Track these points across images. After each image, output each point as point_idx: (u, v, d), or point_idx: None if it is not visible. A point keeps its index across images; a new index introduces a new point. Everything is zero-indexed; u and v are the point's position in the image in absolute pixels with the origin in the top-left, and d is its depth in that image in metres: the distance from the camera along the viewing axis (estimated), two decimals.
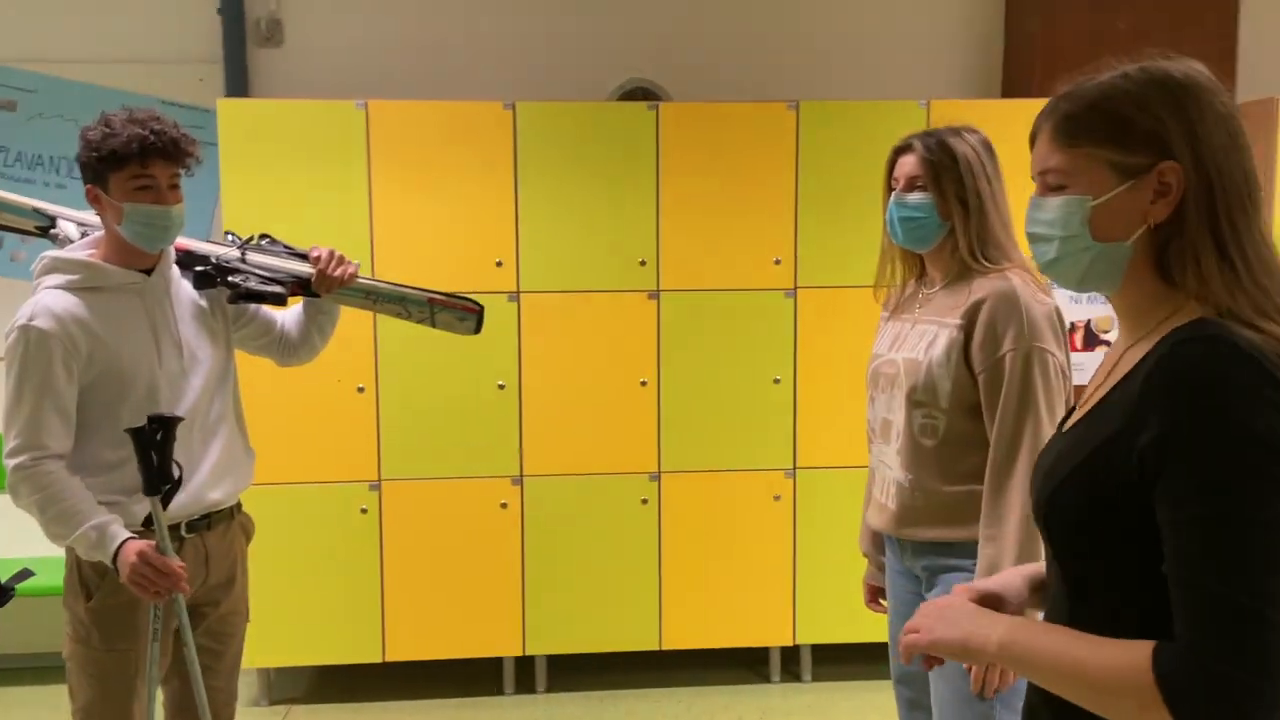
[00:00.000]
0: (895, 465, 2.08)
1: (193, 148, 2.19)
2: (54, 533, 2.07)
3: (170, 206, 2.14)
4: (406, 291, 2.50)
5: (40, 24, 3.72)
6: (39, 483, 2.06)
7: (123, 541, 2.05)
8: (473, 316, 2.57)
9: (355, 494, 3.52)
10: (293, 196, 3.41)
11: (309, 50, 3.84)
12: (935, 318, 2.06)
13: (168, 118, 2.16)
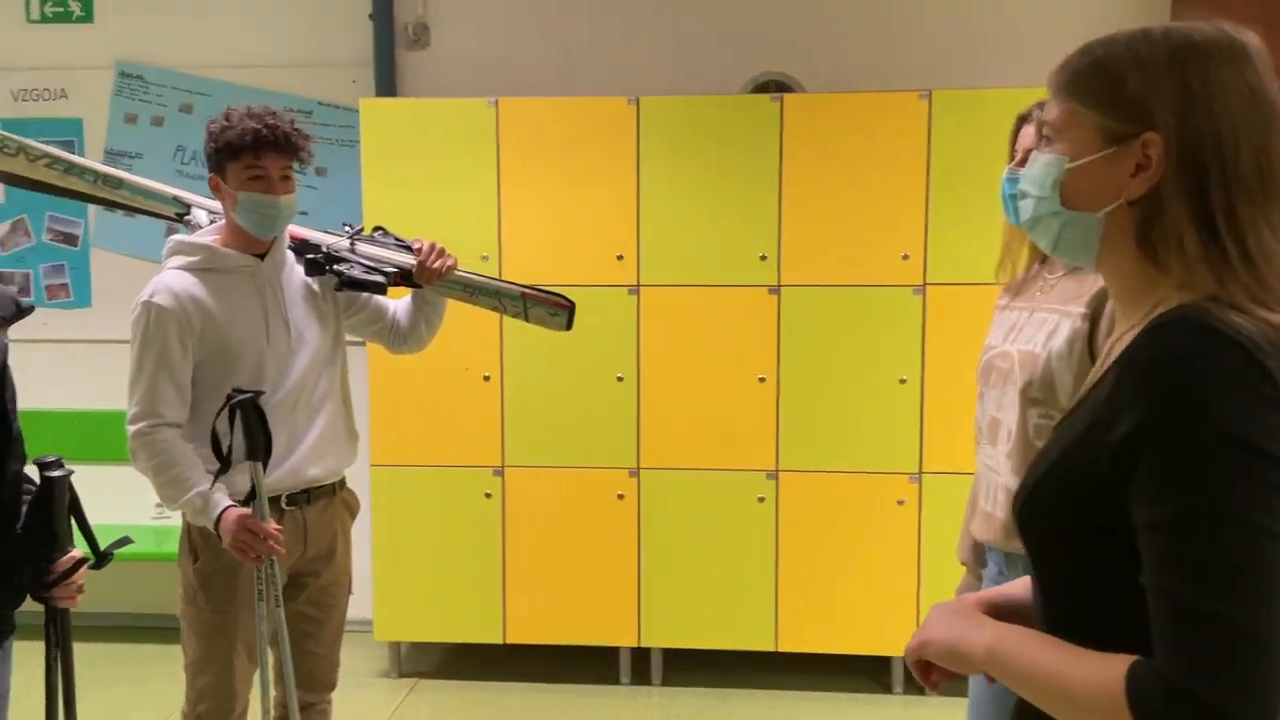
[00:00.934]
0: (1004, 470, 1.92)
1: (304, 142, 2.33)
2: (165, 495, 2.25)
3: (279, 196, 2.28)
4: (501, 286, 2.58)
5: (214, 34, 4.03)
6: (154, 449, 2.23)
7: (225, 508, 2.20)
8: (564, 312, 2.62)
9: (480, 479, 3.64)
10: (427, 191, 3.56)
11: (451, 52, 3.99)
12: (1057, 305, 1.89)
13: (283, 114, 2.30)
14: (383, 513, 3.67)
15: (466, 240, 3.52)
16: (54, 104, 4.09)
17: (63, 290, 4.16)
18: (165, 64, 4.04)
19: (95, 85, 4.05)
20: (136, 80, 4.05)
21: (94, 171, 2.43)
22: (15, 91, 4.08)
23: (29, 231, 4.15)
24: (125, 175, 2.47)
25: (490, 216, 3.56)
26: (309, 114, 4.01)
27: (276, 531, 2.20)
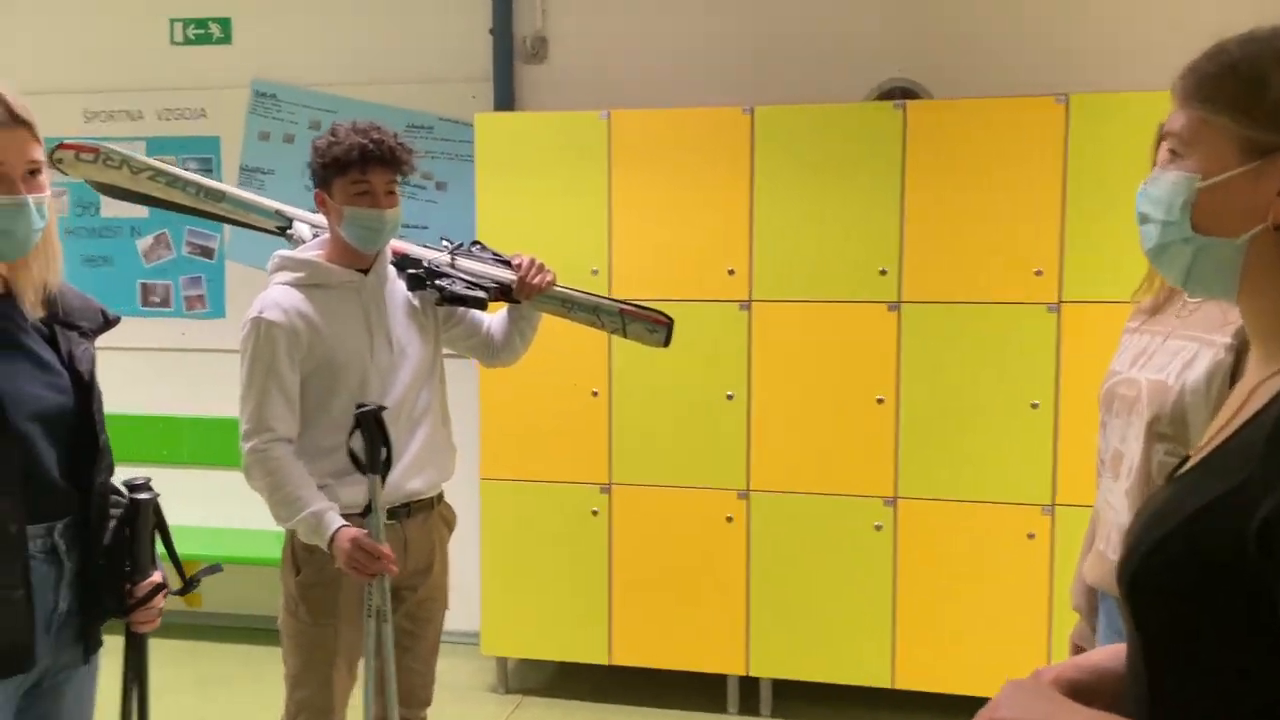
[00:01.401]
0: (1122, 508, 1.76)
1: (408, 156, 2.33)
2: (278, 514, 2.25)
3: (384, 210, 2.28)
4: (600, 301, 2.53)
5: (341, 52, 4.13)
6: (268, 467, 2.24)
7: (338, 528, 2.19)
8: (662, 329, 2.56)
9: (587, 495, 3.58)
10: (539, 205, 3.54)
11: (569, 65, 3.97)
12: (1198, 333, 1.71)
13: (388, 128, 2.30)
14: (491, 526, 3.66)
15: (576, 254, 3.49)
16: (194, 122, 4.27)
17: (199, 301, 4.33)
18: (296, 82, 4.17)
19: (232, 104, 4.21)
20: (270, 99, 4.19)
21: (196, 184, 2.48)
22: (160, 111, 4.28)
23: (170, 245, 4.35)
24: (227, 188, 2.52)
25: (600, 230, 3.51)
26: (430, 129, 4.06)
27: (389, 553, 2.19)
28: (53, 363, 1.57)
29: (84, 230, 4.38)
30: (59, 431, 1.55)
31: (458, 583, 4.14)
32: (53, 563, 1.56)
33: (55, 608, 1.57)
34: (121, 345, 4.33)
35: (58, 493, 1.56)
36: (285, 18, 4.16)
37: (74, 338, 1.61)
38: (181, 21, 4.24)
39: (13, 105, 1.47)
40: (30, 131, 1.49)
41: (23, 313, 1.56)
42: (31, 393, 1.52)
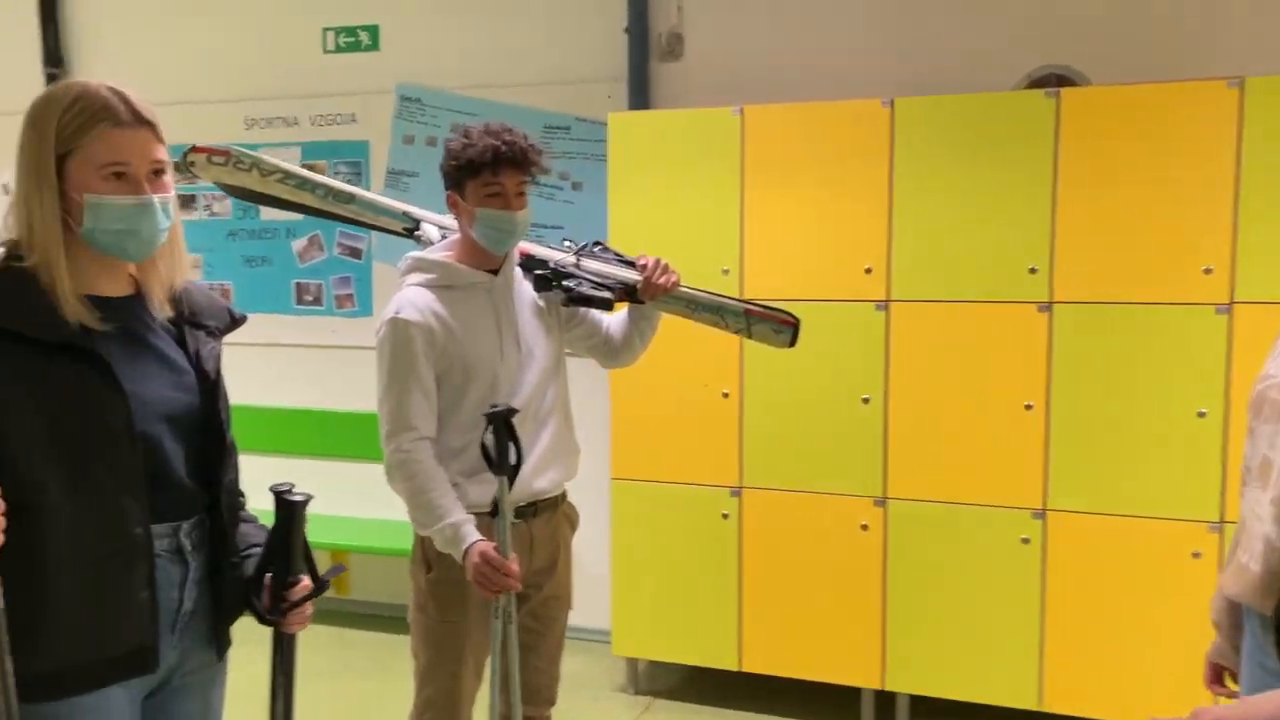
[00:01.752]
0: (1268, 517, 1.62)
1: (539, 157, 2.32)
2: (417, 519, 2.28)
3: (516, 212, 2.28)
4: (724, 302, 2.48)
5: (481, 56, 4.20)
6: (410, 470, 2.26)
7: (473, 543, 2.21)
8: (788, 330, 2.48)
9: (718, 498, 3.53)
10: (670, 204, 3.50)
11: (704, 61, 3.92)
12: None
13: (518, 129, 2.30)
14: (622, 526, 3.65)
15: (707, 253, 3.44)
16: (345, 128, 4.42)
17: (349, 300, 4.49)
18: (439, 86, 4.26)
19: (380, 109, 4.35)
20: (415, 103, 4.30)
21: (325, 186, 2.52)
22: (313, 117, 4.46)
23: (322, 246, 4.52)
24: (356, 190, 2.56)
25: (732, 229, 3.44)
26: (567, 129, 4.09)
27: (516, 570, 2.20)
28: (180, 362, 1.58)
29: (244, 232, 4.61)
30: (185, 431, 1.56)
31: (589, 581, 4.19)
32: (178, 562, 1.56)
33: (180, 607, 1.58)
34: (276, 342, 4.57)
35: (184, 492, 1.56)
36: (429, 23, 4.26)
37: (201, 336, 1.62)
38: (333, 30, 4.40)
39: (136, 105, 1.48)
40: (153, 132, 1.50)
41: (151, 312, 1.57)
42: (158, 393, 1.53)
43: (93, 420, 1.45)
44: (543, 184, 4.10)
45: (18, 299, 1.44)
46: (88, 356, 1.45)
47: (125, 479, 1.47)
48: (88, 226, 1.46)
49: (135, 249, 1.51)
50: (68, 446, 1.43)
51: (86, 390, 1.44)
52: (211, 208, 4.64)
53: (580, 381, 3.13)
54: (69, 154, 1.45)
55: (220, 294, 4.60)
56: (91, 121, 1.45)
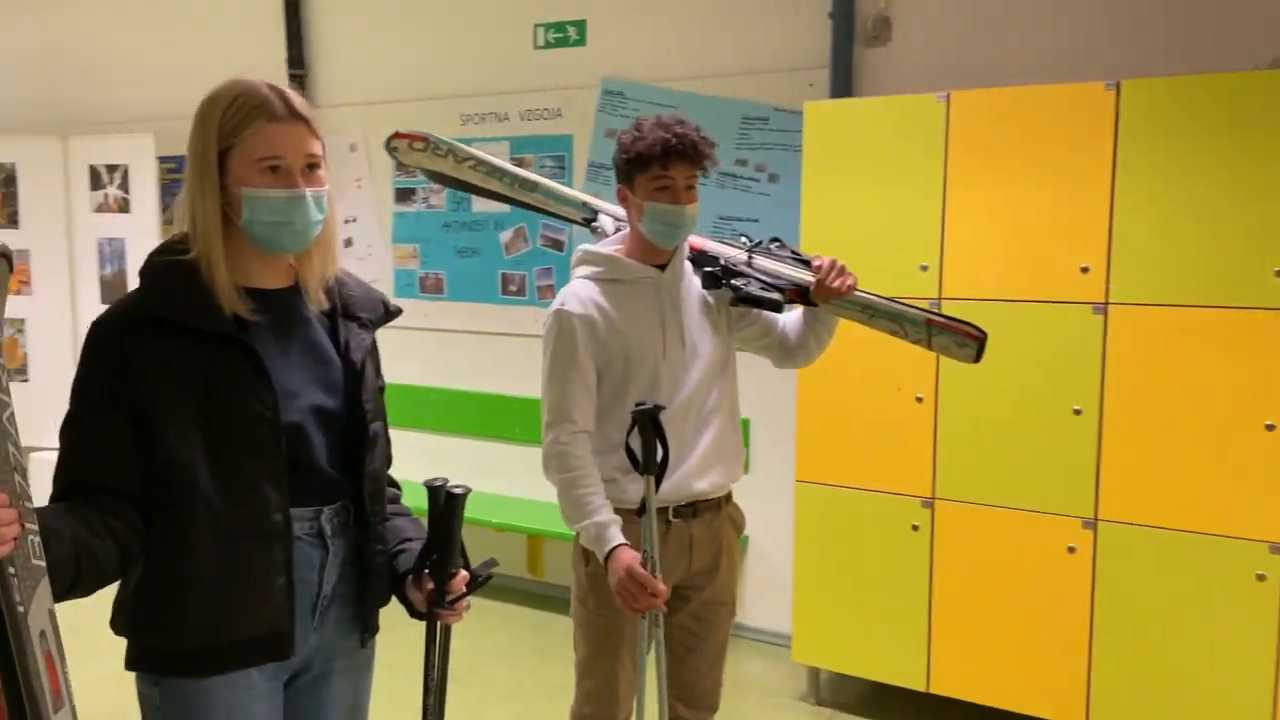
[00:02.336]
0: None
1: (710, 151, 2.26)
2: (565, 513, 2.28)
3: (684, 206, 2.23)
4: (903, 310, 2.31)
5: (683, 48, 4.17)
6: (566, 464, 2.26)
7: (616, 546, 2.18)
8: (973, 344, 2.29)
9: (907, 508, 3.34)
10: (867, 196, 3.33)
11: (913, 46, 3.71)
12: None
13: (691, 121, 2.24)
14: (806, 530, 3.52)
15: (904, 248, 3.26)
16: (550, 122, 4.51)
17: (550, 291, 4.59)
18: (641, 79, 4.26)
19: (584, 103, 4.40)
20: (617, 96, 4.32)
21: (512, 174, 2.56)
22: (522, 112, 4.57)
23: (527, 238, 4.64)
24: (539, 179, 2.58)
25: (933, 223, 3.23)
26: (765, 120, 3.98)
27: (662, 590, 2.15)
28: (329, 354, 1.61)
29: (456, 224, 4.79)
30: (329, 421, 1.58)
31: (771, 582, 4.10)
32: (318, 545, 1.59)
33: (320, 591, 1.60)
34: (484, 330, 4.73)
35: (326, 479, 1.59)
36: (634, 17, 4.27)
37: (353, 328, 1.64)
38: (543, 26, 4.49)
39: (292, 101, 1.52)
40: (308, 127, 1.53)
41: (307, 304, 1.61)
42: (305, 384, 1.56)
43: (240, 408, 1.49)
44: (739, 176, 4.04)
45: (177, 289, 1.50)
46: (239, 347, 1.50)
47: (267, 466, 1.50)
48: (246, 219, 1.51)
49: (289, 241, 1.54)
50: (215, 432, 1.47)
51: (236, 379, 1.49)
52: (429, 200, 4.86)
53: (766, 380, 3.06)
54: (229, 149, 1.50)
55: (434, 283, 4.87)
56: (249, 117, 1.49)
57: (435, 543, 1.63)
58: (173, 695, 1.52)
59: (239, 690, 1.53)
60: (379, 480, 1.68)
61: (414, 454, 4.98)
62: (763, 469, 4.05)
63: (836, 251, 2.35)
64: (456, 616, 1.65)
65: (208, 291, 1.50)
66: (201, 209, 1.50)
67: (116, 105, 5.68)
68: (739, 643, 4.18)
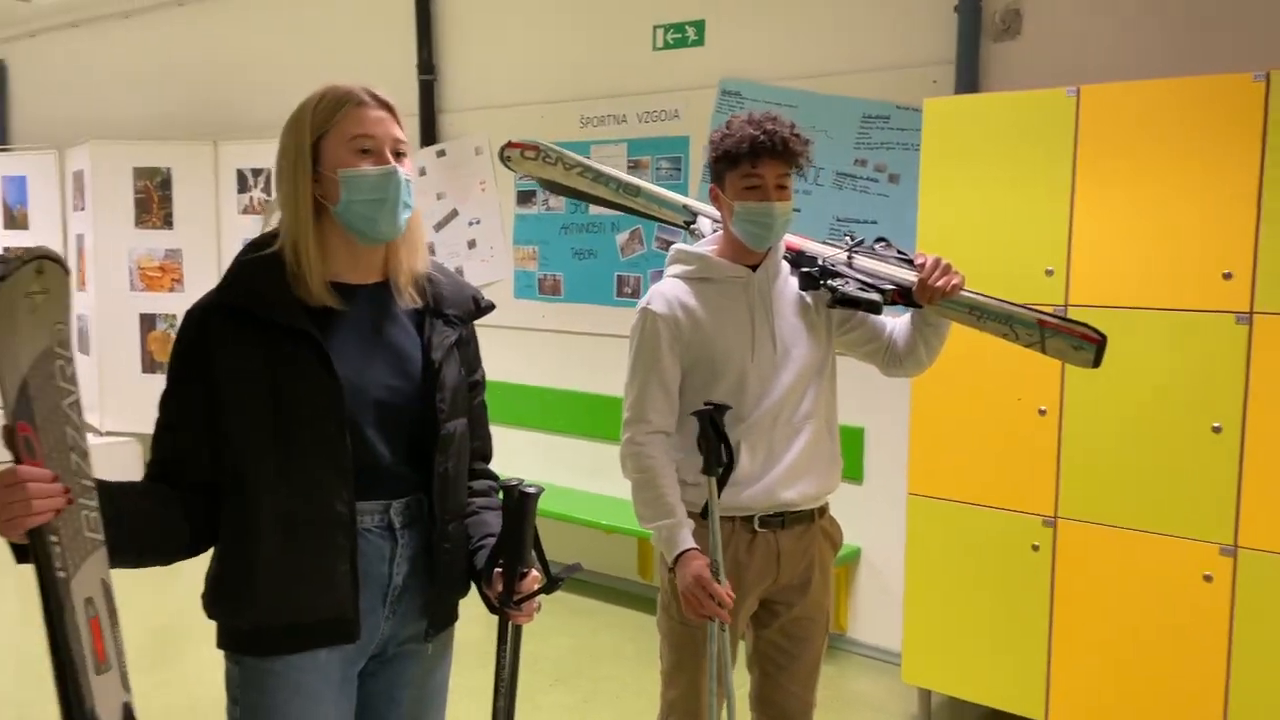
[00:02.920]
0: None
1: (803, 148, 2.19)
2: (638, 513, 2.26)
3: (774, 204, 2.17)
4: (1014, 310, 2.17)
5: (802, 46, 4.07)
6: (640, 463, 2.24)
7: (686, 550, 2.14)
8: (1091, 347, 2.13)
9: (1027, 527, 3.16)
10: (988, 196, 3.17)
11: (1046, 39, 3.52)
12: None
13: (784, 119, 2.18)
14: (917, 545, 3.38)
15: (1028, 251, 3.09)
16: (669, 124, 4.48)
17: None
18: (760, 79, 4.19)
19: (702, 104, 4.35)
20: (735, 96, 4.26)
21: (616, 180, 2.55)
22: (641, 114, 4.56)
23: (641, 240, 4.62)
24: (642, 184, 2.57)
25: (1059, 225, 3.05)
26: (886, 119, 3.85)
27: (729, 599, 2.10)
28: (411, 350, 1.62)
29: (574, 226, 4.82)
30: (402, 417, 1.60)
31: (881, 596, 3.96)
32: (388, 538, 1.61)
33: (391, 582, 1.62)
34: (601, 331, 4.74)
35: (396, 475, 1.60)
36: (753, 16, 4.20)
37: (438, 325, 1.65)
38: (662, 28, 4.47)
39: (376, 91, 1.58)
40: (393, 115, 1.59)
41: (396, 300, 1.63)
42: (378, 380, 1.58)
43: (306, 401, 1.51)
44: (858, 177, 3.92)
45: (255, 281, 1.54)
46: (308, 340, 1.52)
47: (331, 458, 1.52)
48: (344, 200, 1.54)
49: (384, 221, 1.56)
50: (282, 423, 1.51)
51: (304, 372, 1.52)
52: (548, 203, 4.91)
53: (879, 387, 2.94)
54: (323, 136, 1.55)
55: (552, 285, 4.91)
56: (339, 104, 1.55)
57: (506, 542, 1.63)
58: (249, 674, 1.57)
59: (308, 671, 1.56)
60: (451, 480, 1.67)
61: (529, 453, 5.07)
62: (874, 479, 3.91)
63: (955, 255, 2.23)
64: (525, 617, 1.65)
65: (285, 284, 1.54)
66: (294, 199, 1.55)
67: (261, 111, 5.95)
68: (847, 658, 4.05)
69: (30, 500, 1.24)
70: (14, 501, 1.24)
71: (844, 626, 4.11)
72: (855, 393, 2.38)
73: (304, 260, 1.54)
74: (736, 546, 2.25)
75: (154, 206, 6.39)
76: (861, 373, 2.39)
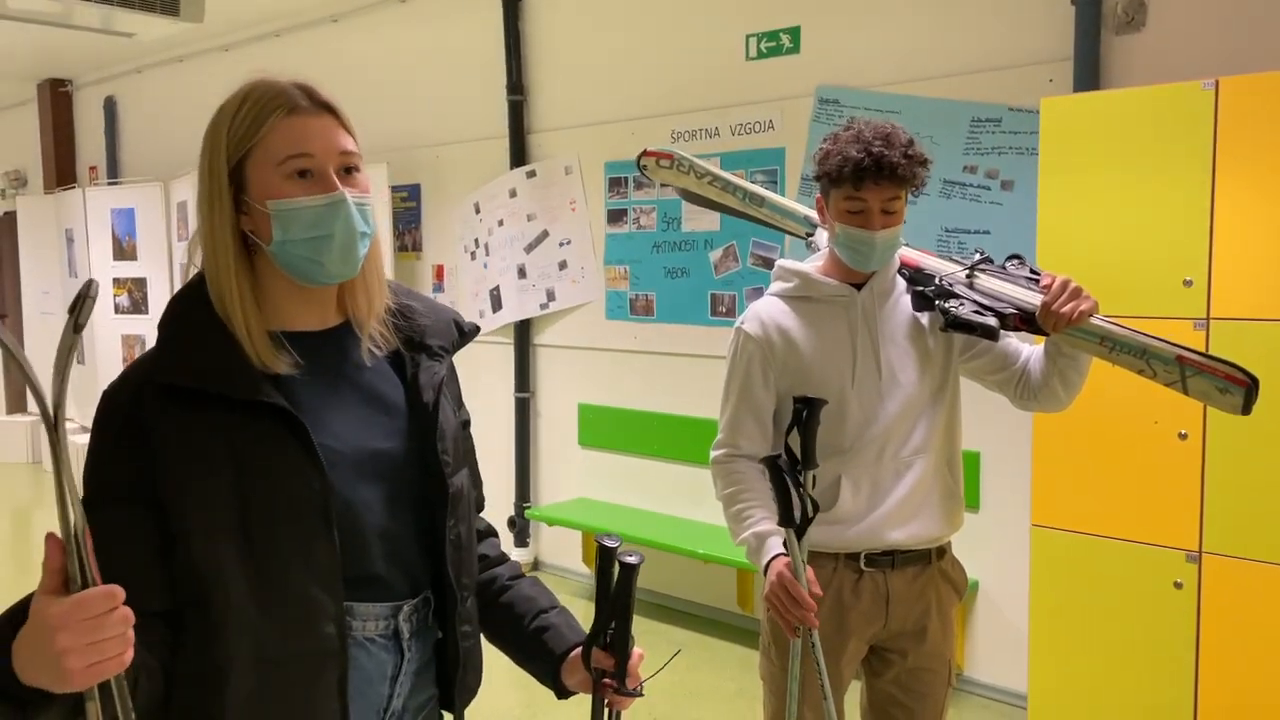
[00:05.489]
0: None
1: (916, 170, 1.97)
2: (731, 529, 2.11)
3: (875, 233, 1.98)
4: (1150, 344, 1.92)
5: (904, 49, 3.86)
6: (728, 479, 2.10)
7: (775, 556, 1.97)
8: (1239, 390, 1.87)
9: (1168, 562, 2.88)
10: (1115, 201, 2.91)
11: (1173, 30, 3.24)
12: None
13: (900, 135, 1.97)
14: (1043, 580, 3.12)
15: (1163, 262, 2.83)
16: (763, 135, 4.31)
17: None
18: (859, 85, 3.99)
19: (798, 113, 4.17)
20: (833, 104, 4.07)
21: (743, 189, 2.45)
22: (733, 126, 4.40)
23: (736, 257, 4.45)
24: (767, 194, 2.44)
25: (1198, 230, 2.78)
26: (997, 122, 3.61)
27: (810, 602, 1.90)
28: (394, 400, 1.29)
29: (667, 244, 4.68)
30: (400, 485, 1.25)
31: (1005, 633, 3.68)
32: (392, 650, 1.26)
33: (389, 705, 1.27)
34: (695, 353, 4.58)
35: (402, 567, 1.26)
36: (851, 19, 4.01)
37: (421, 360, 1.31)
38: (756, 36, 4.31)
39: (314, 90, 1.22)
40: (337, 119, 1.22)
41: (361, 344, 1.28)
42: (364, 447, 1.23)
43: (282, 494, 1.16)
44: (967, 185, 3.68)
45: (199, 346, 1.18)
46: (280, 415, 1.17)
47: (317, 564, 1.17)
48: (277, 240, 1.19)
49: (333, 263, 1.20)
50: (252, 526, 1.15)
51: (275, 458, 1.17)
52: (639, 221, 4.78)
53: (998, 407, 2.71)
54: (245, 156, 1.19)
55: (643, 305, 4.77)
56: (264, 113, 1.19)
57: (614, 614, 1.33)
58: None
59: None
60: (464, 547, 1.32)
61: (623, 479, 4.93)
62: (992, 508, 3.65)
63: (1079, 265, 2.02)
64: (628, 703, 1.34)
65: (237, 346, 1.18)
66: (212, 240, 1.20)
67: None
68: (965, 698, 3.79)
69: (127, 633, 0.95)
70: (111, 637, 0.93)
71: (961, 665, 3.85)
72: (968, 412, 2.16)
73: (235, 315, 1.18)
74: (840, 586, 2.07)
75: None
76: (974, 391, 2.17)
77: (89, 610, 0.92)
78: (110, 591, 0.94)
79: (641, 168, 2.50)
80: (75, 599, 0.92)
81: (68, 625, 0.91)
